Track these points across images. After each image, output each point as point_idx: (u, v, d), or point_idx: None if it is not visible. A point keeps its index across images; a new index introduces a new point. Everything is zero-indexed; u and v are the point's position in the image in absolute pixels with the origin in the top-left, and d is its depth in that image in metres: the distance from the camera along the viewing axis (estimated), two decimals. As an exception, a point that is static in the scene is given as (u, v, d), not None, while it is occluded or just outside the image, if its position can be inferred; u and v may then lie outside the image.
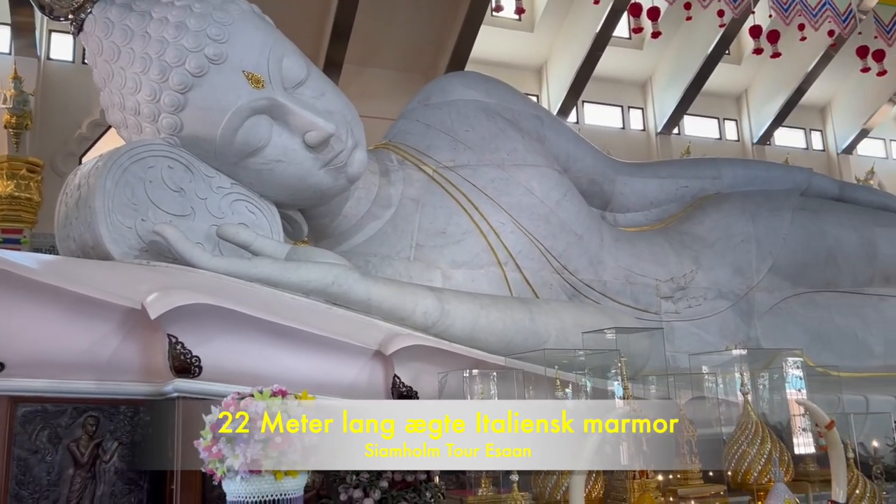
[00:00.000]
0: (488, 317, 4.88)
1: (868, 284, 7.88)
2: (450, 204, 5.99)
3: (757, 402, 5.21)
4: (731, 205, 7.79)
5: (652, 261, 7.09)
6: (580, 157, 7.32)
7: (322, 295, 4.31)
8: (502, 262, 5.98)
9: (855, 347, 7.60)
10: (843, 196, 8.60)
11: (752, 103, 16.57)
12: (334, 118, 4.93)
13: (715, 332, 7.05)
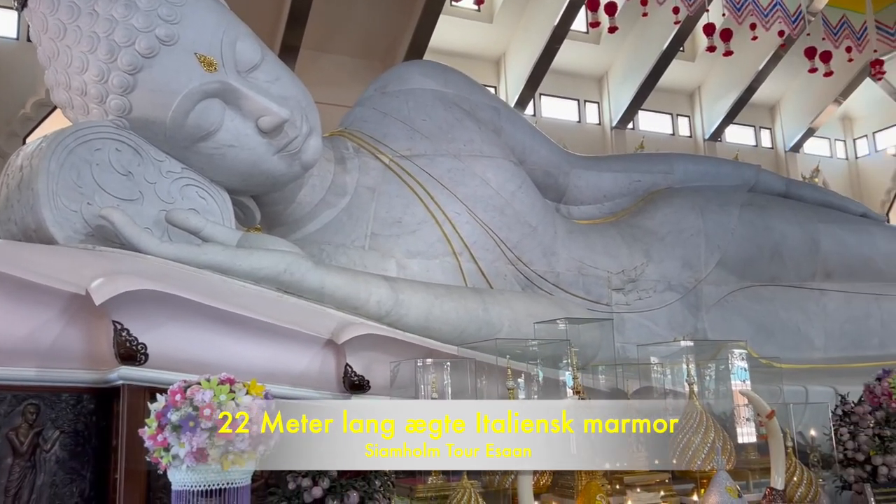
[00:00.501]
0: (442, 307, 4.88)
1: (810, 279, 8.12)
2: (406, 193, 5.97)
3: (702, 393, 5.35)
4: (681, 200, 7.94)
5: (604, 253, 7.19)
6: (536, 150, 7.37)
7: (274, 283, 4.26)
8: (457, 253, 5.99)
9: (797, 340, 7.84)
10: (789, 193, 8.84)
11: (705, 100, 16.88)
12: (289, 104, 4.86)
13: (664, 324, 7.20)
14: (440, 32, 13.52)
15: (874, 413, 4.84)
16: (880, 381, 5.01)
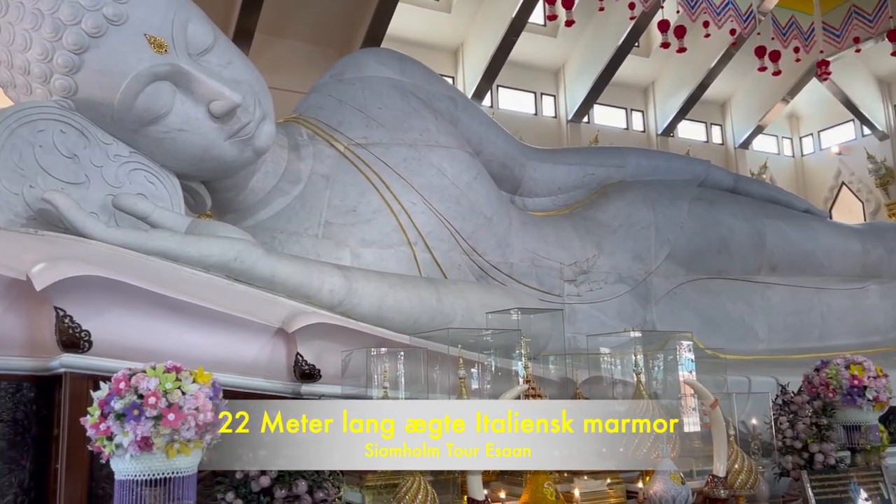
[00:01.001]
0: (396, 296, 4.88)
1: (756, 273, 8.34)
2: (361, 182, 5.94)
3: (650, 383, 5.46)
4: (633, 193, 8.06)
5: (557, 245, 7.27)
6: (492, 141, 7.40)
7: (223, 270, 4.20)
8: (412, 242, 5.98)
9: (742, 332, 8.06)
10: (737, 188, 9.05)
11: (659, 96, 17.17)
12: (241, 88, 4.79)
13: (614, 315, 7.32)
14: (398, 21, 13.45)
15: (812, 402, 5.01)
16: (818, 372, 5.19)
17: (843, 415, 5.05)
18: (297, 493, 2.95)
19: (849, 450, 5.08)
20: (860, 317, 8.81)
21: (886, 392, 5.08)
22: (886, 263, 9.00)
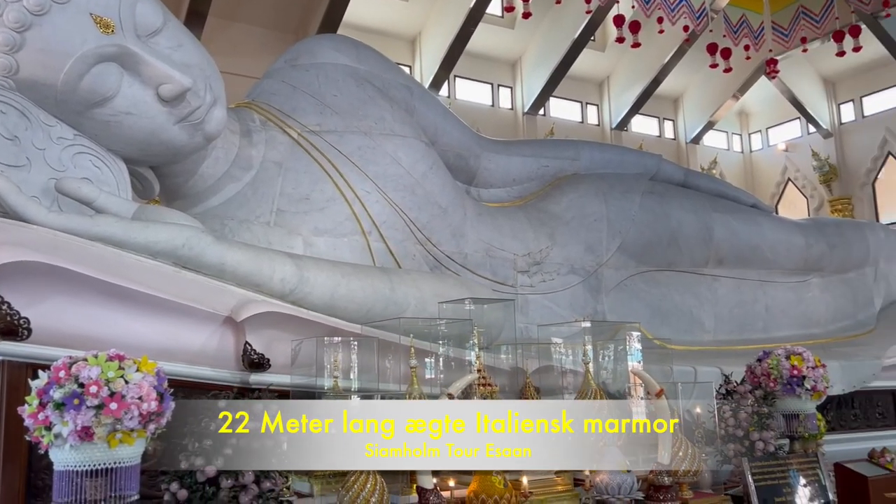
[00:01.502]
0: (348, 285, 4.85)
1: (704, 265, 8.53)
2: (314, 169, 5.88)
3: (598, 372, 5.55)
4: (586, 186, 8.16)
5: (511, 236, 7.32)
6: (448, 131, 7.40)
7: (171, 257, 4.12)
8: (366, 232, 5.96)
9: (689, 323, 8.24)
10: (687, 182, 9.23)
11: (613, 90, 17.39)
12: (192, 72, 4.69)
13: (566, 306, 7.42)
14: (355, 7, 13.32)
15: (754, 392, 5.16)
16: (760, 363, 5.34)
17: (783, 404, 5.21)
18: (243, 483, 2.92)
19: (788, 437, 5.25)
20: (802, 309, 9.09)
21: (824, 382, 5.26)
22: (828, 258, 9.30)
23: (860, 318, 9.55)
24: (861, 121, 17.43)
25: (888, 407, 7.99)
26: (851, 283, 9.69)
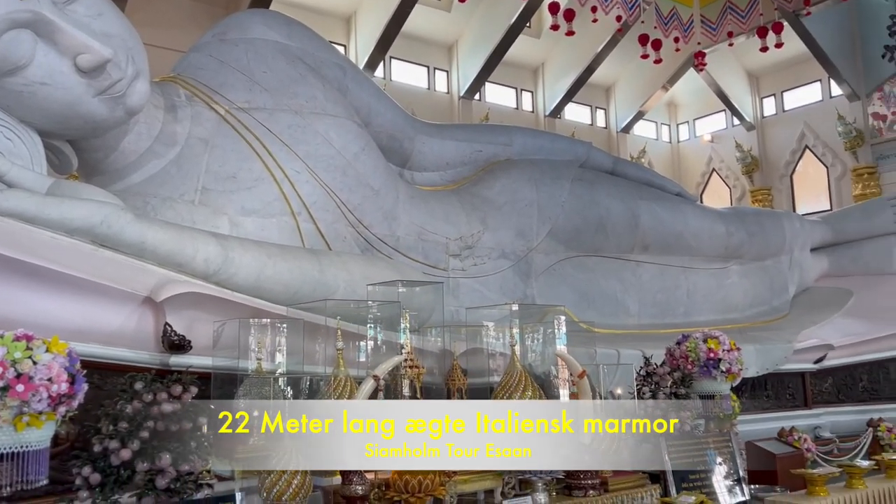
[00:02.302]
0: (275, 267, 4.78)
1: (629, 251, 8.76)
2: (242, 147, 5.75)
3: (525, 354, 5.65)
4: (518, 171, 8.26)
5: (444, 219, 7.35)
6: (382, 113, 7.34)
7: (88, 235, 3.96)
8: (295, 212, 5.87)
9: (615, 307, 8.47)
10: (615, 170, 9.44)
11: (548, 77, 17.56)
12: (112, 42, 4.49)
13: (496, 289, 7.50)
14: (289, -17, 13.01)
15: (672, 374, 5.35)
16: (679, 346, 5.53)
17: (700, 385, 5.42)
18: (160, 467, 2.85)
19: (703, 418, 5.46)
20: (722, 295, 9.46)
21: (738, 364, 5.49)
22: (747, 246, 9.69)
23: (775, 303, 10.00)
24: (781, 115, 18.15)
25: (798, 389, 8.40)
26: (768, 270, 10.13)
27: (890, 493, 5.35)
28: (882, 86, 15.34)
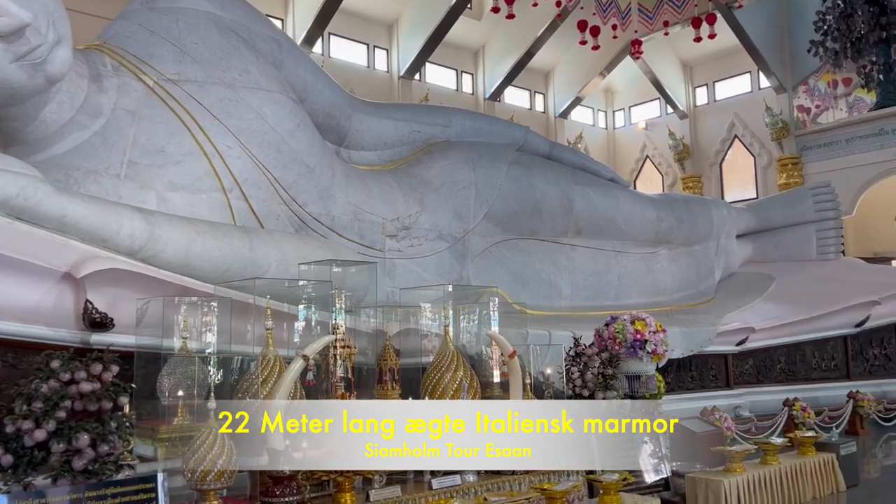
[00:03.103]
0: (204, 244, 4.66)
1: (563, 235, 8.90)
2: (171, 120, 5.57)
3: (459, 334, 5.69)
4: (456, 153, 8.26)
5: (380, 199, 7.30)
6: (318, 89, 7.21)
7: (3, 208, 3.78)
8: (227, 189, 5.73)
9: (548, 289, 8.60)
10: (552, 155, 9.54)
11: (488, 60, 17.57)
12: (32, 7, 4.28)
13: (432, 271, 7.52)
14: (225, -47, 12.57)
15: (601, 354, 5.48)
16: (608, 327, 5.66)
17: (627, 365, 5.57)
18: (77, 448, 2.76)
19: (630, 397, 5.62)
20: (651, 279, 9.72)
21: (663, 345, 5.67)
22: (676, 231, 9.97)
23: (702, 287, 10.34)
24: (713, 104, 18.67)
25: (720, 370, 8.74)
26: (696, 255, 10.45)
27: (801, 469, 5.63)
28: (807, 79, 15.94)
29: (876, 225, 15.08)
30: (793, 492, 5.45)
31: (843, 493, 5.83)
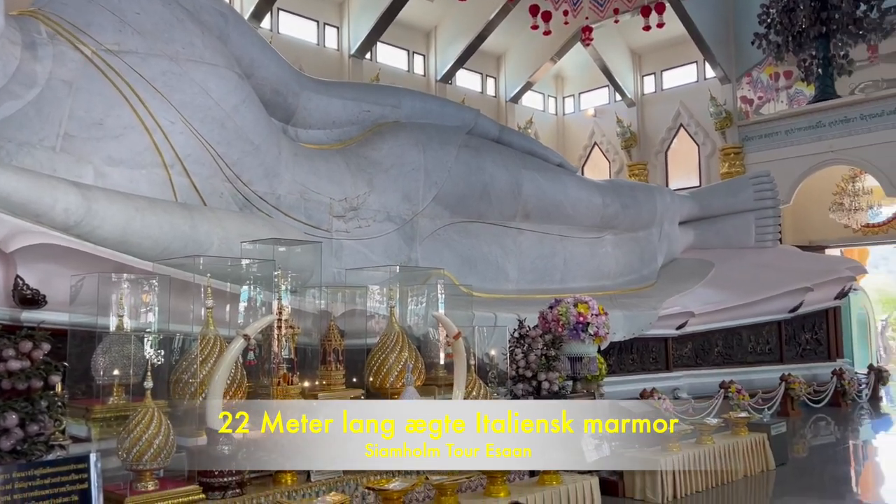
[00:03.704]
0: (143, 220, 4.54)
1: (511, 219, 8.97)
2: (110, 93, 5.39)
3: (405, 316, 5.69)
4: (406, 134, 8.22)
5: (328, 179, 7.22)
6: (265, 65, 7.07)
7: (-74, 179, 3.61)
8: (168, 165, 5.59)
9: (495, 272, 8.67)
10: (501, 138, 9.57)
11: (440, 41, 17.45)
12: (-43, -33, 4.07)
13: (380, 252, 7.49)
14: (170, -79, 12.15)
15: (544, 336, 5.56)
16: (552, 309, 5.75)
17: (569, 347, 5.67)
18: (5, 427, 2.67)
19: (572, 378, 5.73)
20: (596, 263, 9.88)
21: (605, 328, 5.78)
22: (621, 217, 10.14)
23: (644, 272, 10.56)
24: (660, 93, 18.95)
25: (661, 353, 8.97)
26: (639, 241, 10.66)
27: (734, 448, 5.83)
28: (751, 71, 16.30)
29: (811, 214, 15.61)
30: (726, 470, 5.64)
31: (772, 471, 6.06)
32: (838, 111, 14.61)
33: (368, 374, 4.59)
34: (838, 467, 6.86)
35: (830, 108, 14.70)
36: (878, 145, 13.95)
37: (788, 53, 14.62)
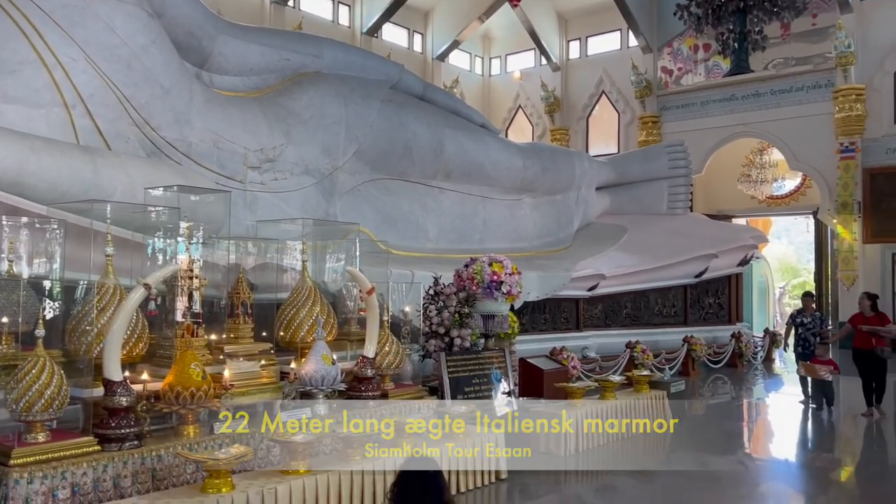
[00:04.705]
0: (40, 162, 4.28)
1: (433, 178, 8.94)
2: (5, 24, 5.02)
3: (321, 271, 5.63)
4: (327, 86, 8.01)
5: (243, 128, 6.98)
6: (178, 4, 6.71)
7: None
8: (69, 105, 5.28)
9: (415, 230, 8.66)
10: (425, 96, 9.47)
11: (367, -7, 17.04)
12: None
13: (297, 206, 7.32)
14: None
15: (458, 294, 5.60)
16: (467, 268, 5.78)
17: (483, 305, 5.72)
18: None
19: (484, 336, 5.81)
20: (514, 225, 10.01)
21: (518, 287, 5.86)
22: (540, 180, 10.27)
23: (560, 235, 10.78)
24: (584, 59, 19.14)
25: (572, 313, 9.21)
26: (557, 204, 10.84)
27: (635, 404, 6.08)
28: (672, 42, 16.66)
29: (721, 184, 16.24)
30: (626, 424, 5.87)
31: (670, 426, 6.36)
32: (751, 85, 15.14)
33: (279, 329, 4.53)
34: (732, 423, 7.27)
35: (743, 83, 15.20)
36: (785, 120, 14.56)
37: (708, 26, 14.98)
